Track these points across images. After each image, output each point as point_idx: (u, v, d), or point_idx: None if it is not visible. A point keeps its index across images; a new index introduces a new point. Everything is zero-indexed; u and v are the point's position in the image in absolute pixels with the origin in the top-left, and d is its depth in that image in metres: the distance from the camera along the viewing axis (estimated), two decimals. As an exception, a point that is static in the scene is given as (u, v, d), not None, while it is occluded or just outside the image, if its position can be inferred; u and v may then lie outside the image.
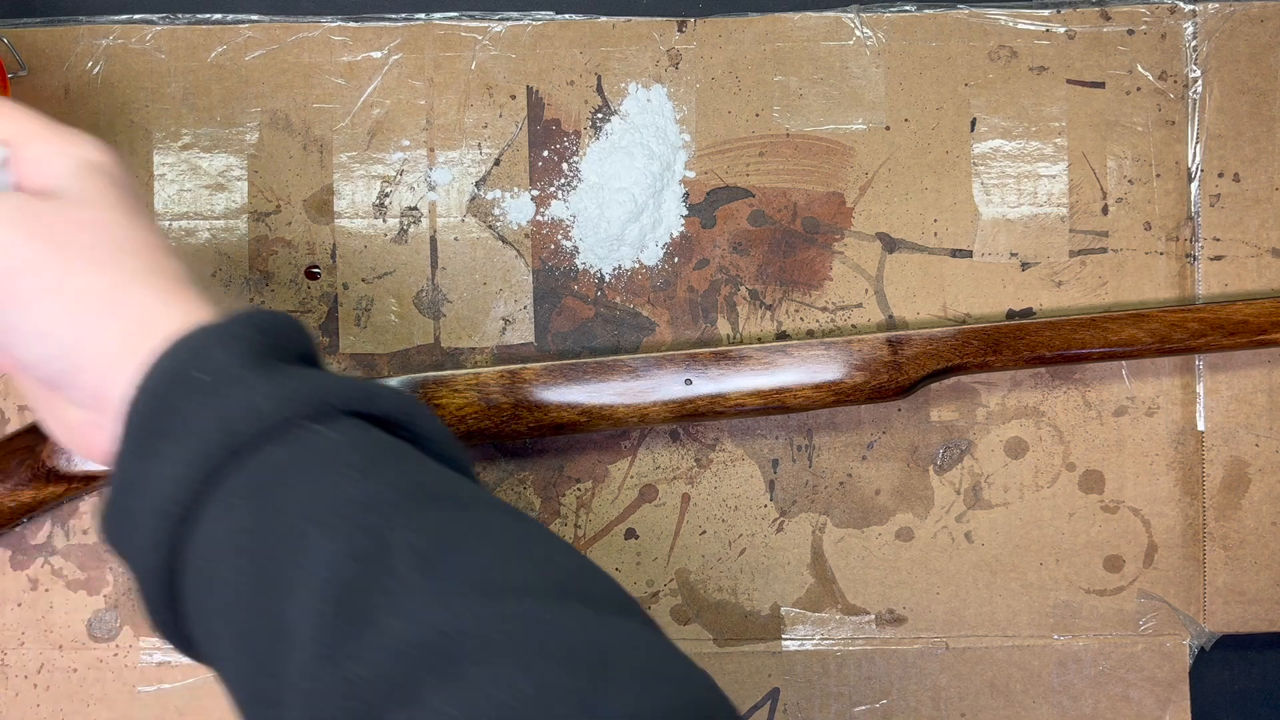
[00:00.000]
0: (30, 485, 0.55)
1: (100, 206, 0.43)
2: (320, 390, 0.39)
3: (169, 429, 0.38)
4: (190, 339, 0.39)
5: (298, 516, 0.36)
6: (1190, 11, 0.60)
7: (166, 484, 0.38)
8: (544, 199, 0.59)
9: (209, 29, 0.59)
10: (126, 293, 0.41)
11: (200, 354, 0.39)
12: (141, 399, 0.39)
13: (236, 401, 0.38)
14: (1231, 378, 0.61)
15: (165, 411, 0.38)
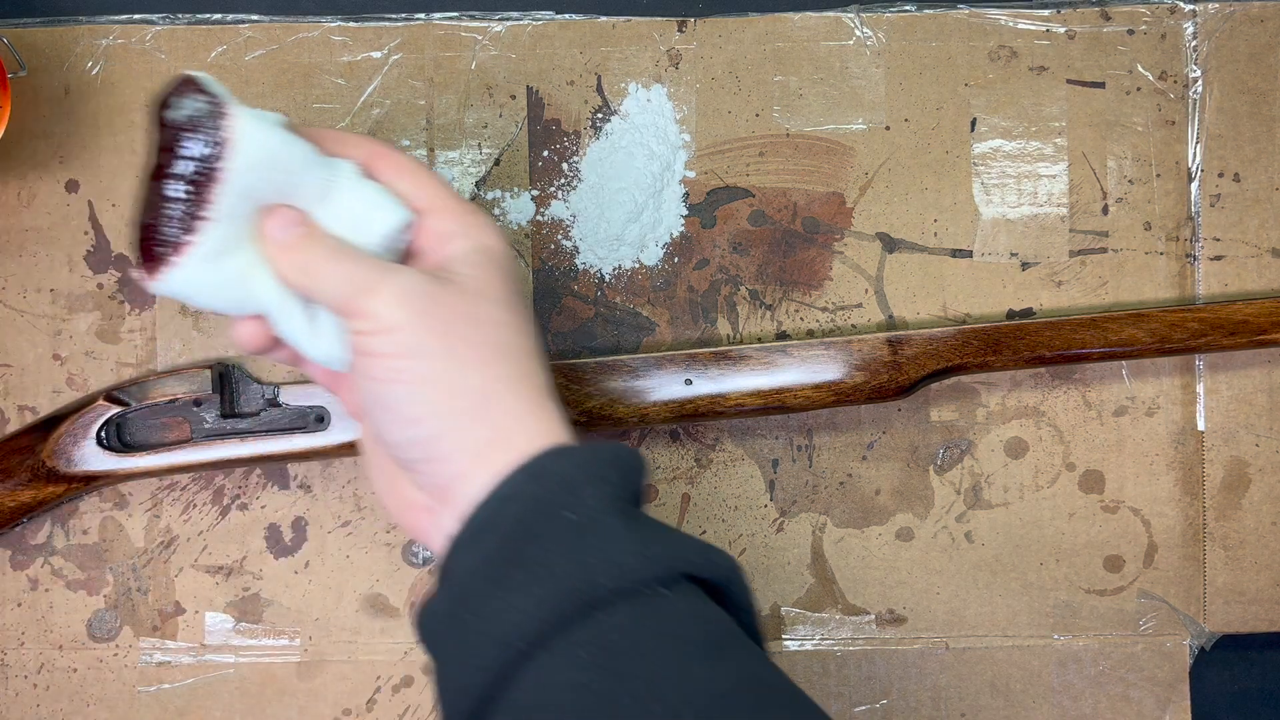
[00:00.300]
0: (30, 485, 0.56)
1: (491, 302, 0.43)
2: (671, 551, 0.39)
3: (528, 560, 0.38)
4: (559, 470, 0.40)
5: (642, 690, 0.36)
6: (1190, 11, 0.60)
7: (515, 615, 0.38)
8: (544, 199, 0.59)
9: (209, 29, 0.59)
10: (498, 397, 0.41)
11: (571, 490, 0.39)
12: (503, 519, 0.39)
13: (601, 552, 0.38)
14: (1232, 378, 0.61)
15: (527, 541, 0.39)
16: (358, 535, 0.60)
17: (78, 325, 0.59)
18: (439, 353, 0.41)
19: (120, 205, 0.59)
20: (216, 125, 0.42)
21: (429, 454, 0.42)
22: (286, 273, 0.43)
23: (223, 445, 0.56)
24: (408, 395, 0.41)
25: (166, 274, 0.43)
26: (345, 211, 0.44)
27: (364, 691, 0.60)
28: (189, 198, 0.42)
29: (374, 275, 0.42)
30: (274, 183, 0.43)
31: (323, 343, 0.44)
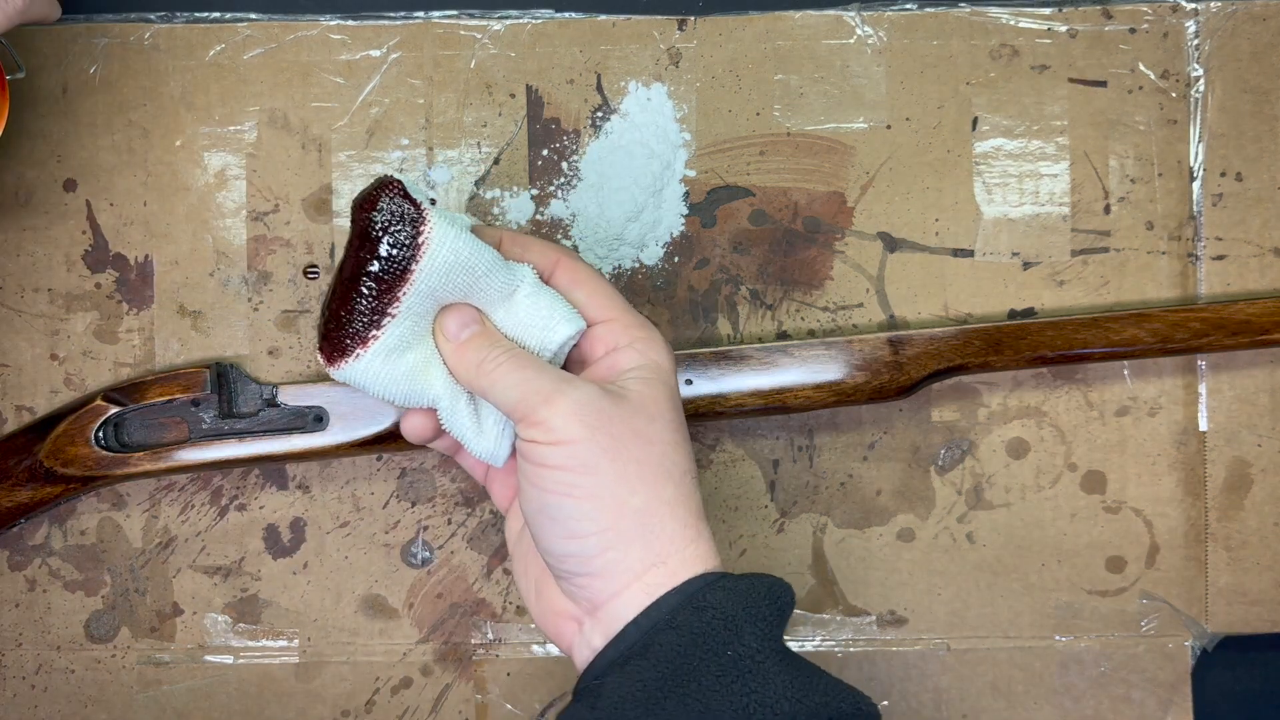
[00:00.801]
0: (27, 486, 0.55)
1: (659, 422, 0.43)
2: (824, 699, 0.40)
3: (687, 695, 0.39)
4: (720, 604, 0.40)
5: None
6: (1192, 10, 0.60)
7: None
8: (543, 198, 0.59)
9: (207, 28, 0.59)
10: (660, 520, 0.42)
11: (732, 627, 0.40)
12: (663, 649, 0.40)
13: (760, 696, 0.39)
14: (1234, 378, 0.60)
15: (687, 676, 0.39)
16: (356, 536, 0.60)
17: (75, 325, 0.59)
18: (609, 471, 0.42)
19: (118, 204, 0.59)
20: (416, 230, 0.44)
21: (587, 569, 0.42)
22: (462, 371, 0.45)
23: (221, 445, 0.55)
24: (575, 510, 0.42)
25: (347, 365, 0.45)
26: (522, 316, 0.46)
27: (363, 693, 0.60)
28: (379, 295, 0.44)
29: (552, 386, 0.42)
30: (458, 284, 0.45)
31: (487, 440, 0.46)
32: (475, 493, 0.60)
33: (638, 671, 0.40)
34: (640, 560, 0.42)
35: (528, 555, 0.47)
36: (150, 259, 0.59)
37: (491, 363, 0.44)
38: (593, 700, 0.41)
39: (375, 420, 0.55)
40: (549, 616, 0.45)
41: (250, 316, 0.59)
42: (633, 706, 0.39)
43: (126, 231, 0.59)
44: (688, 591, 0.41)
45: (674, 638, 0.40)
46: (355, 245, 0.44)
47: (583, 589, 0.43)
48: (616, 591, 0.42)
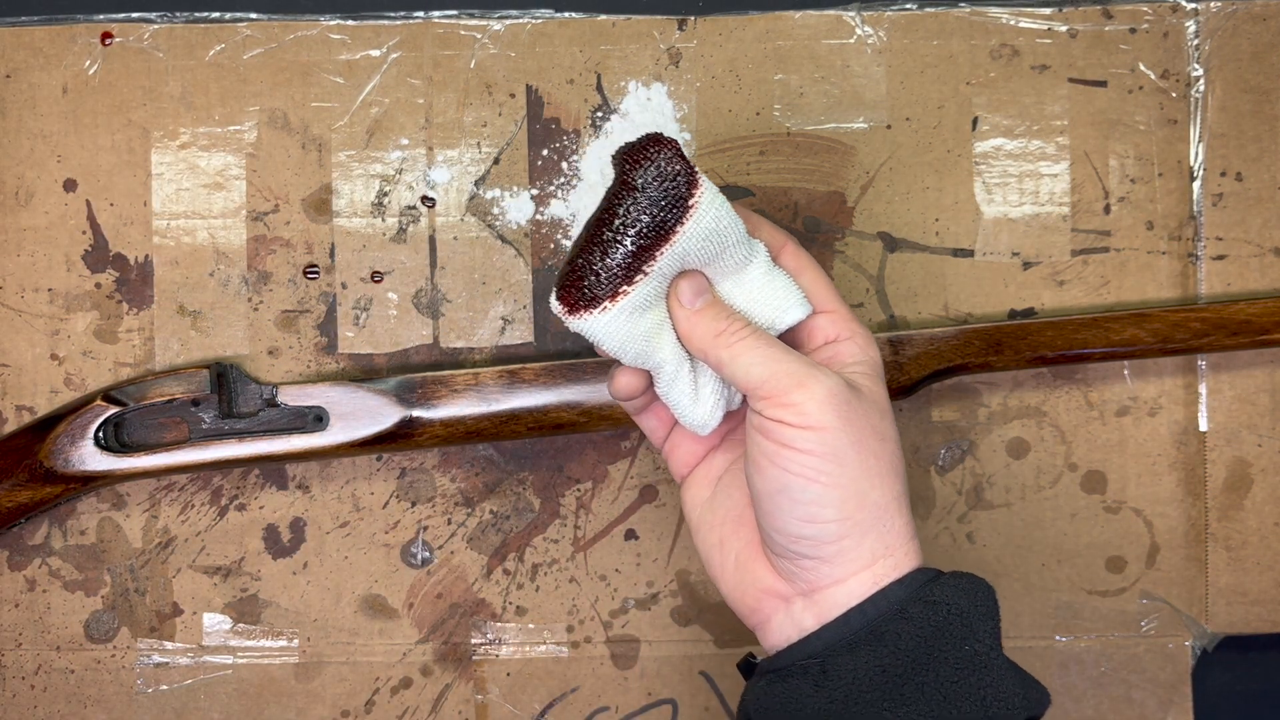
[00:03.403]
0: (27, 486, 0.55)
1: (887, 420, 0.44)
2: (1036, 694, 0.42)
3: (926, 683, 0.41)
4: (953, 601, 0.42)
5: None
6: (1193, 10, 0.60)
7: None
8: (543, 198, 0.59)
9: (207, 27, 0.59)
10: (890, 515, 0.43)
11: (967, 623, 0.42)
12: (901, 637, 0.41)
13: (995, 690, 0.41)
14: (1234, 378, 0.60)
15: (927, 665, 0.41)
16: (356, 536, 0.60)
17: (75, 325, 0.59)
18: (854, 463, 0.42)
19: (118, 204, 0.59)
20: (689, 192, 0.43)
21: (819, 554, 0.43)
22: (696, 337, 0.45)
23: (221, 445, 0.55)
24: (819, 496, 0.42)
25: (590, 317, 0.44)
26: (754, 292, 0.46)
27: (362, 693, 0.60)
28: (639, 252, 0.44)
29: (804, 369, 0.43)
30: (707, 251, 0.45)
31: (702, 409, 0.46)
32: (475, 493, 0.60)
33: (874, 657, 0.41)
34: (871, 551, 0.42)
35: (723, 526, 0.47)
36: (150, 259, 0.59)
37: (733, 335, 0.44)
38: (817, 679, 0.42)
39: (375, 420, 0.55)
40: (748, 591, 0.45)
41: (250, 316, 0.59)
42: (869, 689, 0.41)
43: (126, 231, 0.59)
44: (914, 585, 0.42)
45: (910, 628, 0.41)
46: (621, 198, 0.44)
47: (807, 571, 0.43)
48: (842, 578, 0.43)
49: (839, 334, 0.46)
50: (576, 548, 0.60)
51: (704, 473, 0.49)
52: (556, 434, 0.56)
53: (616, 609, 0.60)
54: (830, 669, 0.42)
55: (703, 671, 0.60)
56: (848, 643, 0.42)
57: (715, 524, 0.47)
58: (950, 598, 0.42)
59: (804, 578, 0.43)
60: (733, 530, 0.46)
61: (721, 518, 0.47)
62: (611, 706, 0.60)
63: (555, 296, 0.45)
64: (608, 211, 0.44)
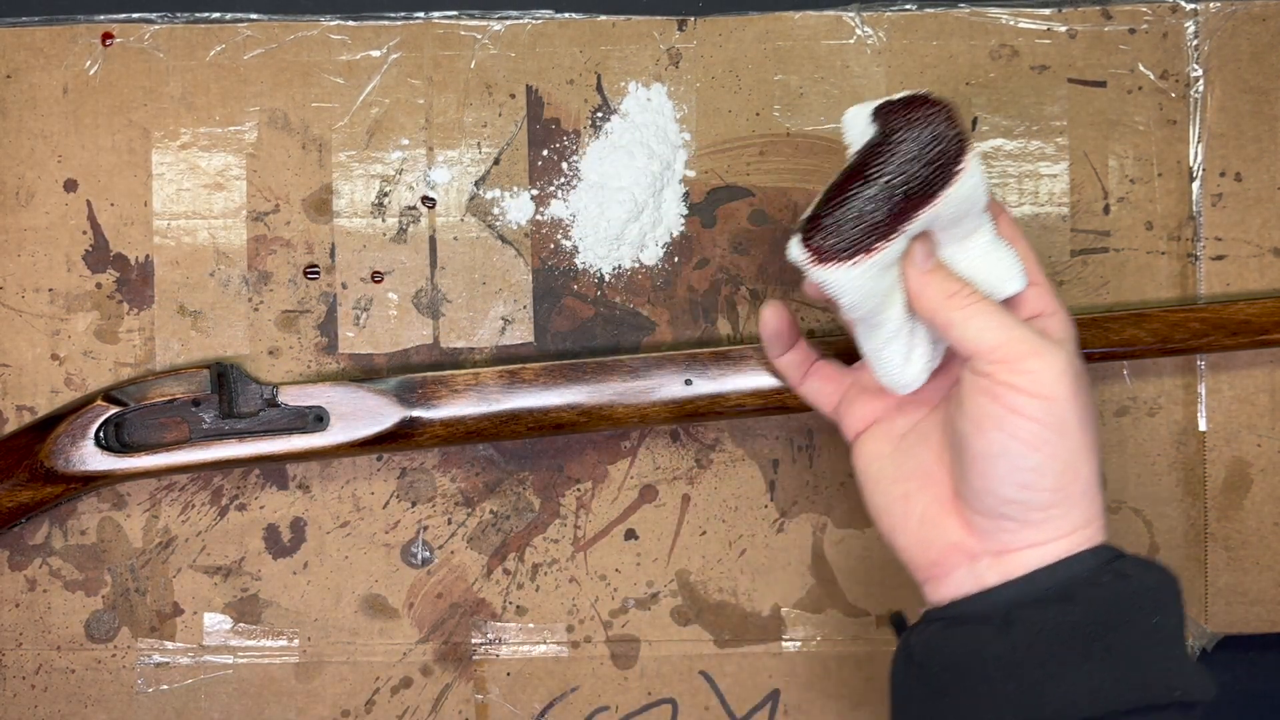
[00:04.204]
0: (28, 486, 0.55)
1: (1091, 396, 0.45)
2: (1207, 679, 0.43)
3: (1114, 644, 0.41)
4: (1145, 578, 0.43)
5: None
6: (1192, 10, 0.60)
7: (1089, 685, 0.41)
8: (544, 198, 0.59)
9: (207, 28, 0.59)
10: (1093, 490, 0.44)
11: (1158, 601, 0.43)
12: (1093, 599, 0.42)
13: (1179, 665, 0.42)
14: (1233, 378, 0.60)
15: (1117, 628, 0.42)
16: (356, 536, 0.60)
17: (76, 325, 0.59)
18: (1076, 436, 0.43)
19: (119, 205, 0.59)
20: (958, 159, 0.43)
21: (1026, 517, 0.43)
22: (927, 298, 0.45)
23: (221, 445, 0.55)
24: (1039, 465, 0.43)
25: (840, 269, 0.43)
26: (977, 261, 0.46)
27: (363, 692, 0.60)
28: (902, 210, 0.43)
29: (1039, 339, 0.43)
30: (954, 217, 0.45)
31: (912, 370, 0.47)
32: (475, 493, 0.60)
33: (1063, 613, 0.42)
34: (1072, 522, 0.43)
35: (909, 481, 0.47)
36: (151, 259, 0.59)
37: (965, 298, 0.44)
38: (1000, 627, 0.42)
39: (376, 420, 0.55)
40: (933, 544, 0.46)
41: (250, 316, 0.59)
42: (1054, 640, 0.41)
43: (127, 232, 0.59)
44: (1102, 557, 0.43)
45: (1100, 594, 0.42)
46: (890, 154, 0.43)
47: (1007, 532, 0.44)
48: (1038, 543, 0.43)
49: (1044, 309, 0.47)
50: (576, 548, 0.60)
51: (884, 430, 0.50)
52: (556, 434, 0.56)
53: (616, 609, 0.60)
54: (1015, 619, 0.42)
55: (703, 671, 0.60)
56: (1035, 598, 0.43)
57: (900, 479, 0.48)
58: (1140, 574, 0.43)
59: (1001, 539, 0.44)
60: (920, 486, 0.47)
61: (908, 473, 0.48)
62: (611, 706, 0.60)
63: (801, 243, 0.44)
64: (873, 166, 0.43)
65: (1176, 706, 0.41)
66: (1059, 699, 0.41)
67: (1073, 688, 0.41)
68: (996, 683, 0.42)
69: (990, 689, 0.42)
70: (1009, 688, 0.42)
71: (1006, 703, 0.42)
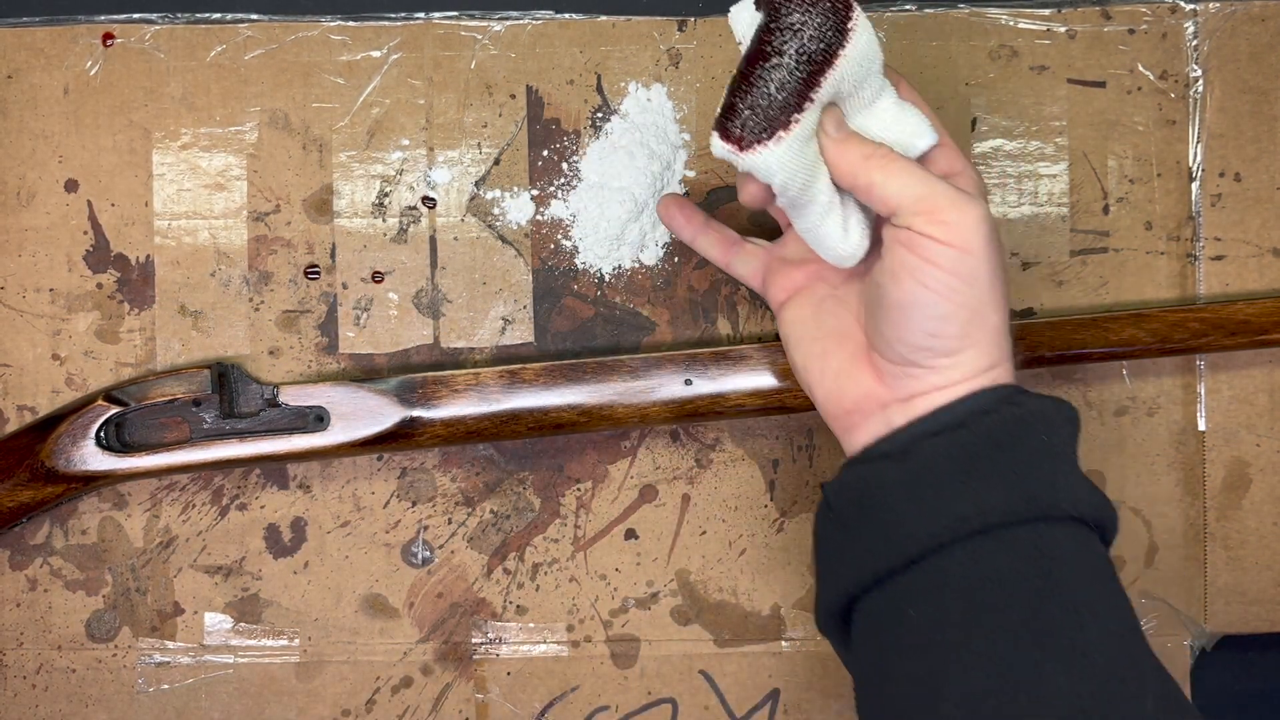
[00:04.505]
0: (29, 485, 0.55)
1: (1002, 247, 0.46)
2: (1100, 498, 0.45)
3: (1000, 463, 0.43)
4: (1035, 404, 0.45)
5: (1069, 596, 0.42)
6: (1191, 11, 0.60)
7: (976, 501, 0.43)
8: (544, 198, 0.59)
9: (208, 28, 0.59)
10: (1000, 336, 0.46)
11: (1047, 422, 0.45)
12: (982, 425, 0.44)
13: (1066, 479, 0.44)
14: (1232, 378, 0.61)
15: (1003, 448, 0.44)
16: (357, 536, 0.60)
17: (77, 325, 0.59)
18: (986, 286, 0.44)
19: (119, 205, 0.59)
20: (846, 16, 0.44)
21: (930, 363, 0.45)
22: (845, 164, 0.45)
23: (222, 445, 0.55)
24: (947, 313, 0.44)
25: (762, 151, 0.44)
26: (887, 122, 0.47)
27: (363, 692, 0.60)
28: (807, 78, 0.44)
29: (956, 192, 0.44)
30: (856, 78, 0.45)
31: (851, 241, 0.48)
32: (475, 492, 0.60)
33: (955, 439, 0.44)
34: (977, 366, 0.45)
35: (827, 339, 0.50)
36: (151, 259, 0.59)
37: (881, 159, 0.45)
38: (899, 459, 0.45)
39: (376, 420, 0.55)
40: (846, 395, 0.48)
41: (251, 316, 0.59)
42: (945, 464, 0.44)
43: (128, 232, 0.59)
44: (1001, 393, 0.45)
45: (993, 419, 0.44)
46: (783, 28, 0.44)
47: (914, 379, 0.46)
48: (943, 386, 0.46)
49: (953, 168, 0.48)
50: (576, 547, 0.60)
51: (805, 297, 0.52)
52: (556, 434, 0.57)
53: (616, 608, 0.60)
54: (912, 450, 0.45)
55: (702, 671, 0.60)
56: (938, 429, 0.45)
57: (819, 337, 0.50)
58: (1034, 403, 0.45)
59: (909, 385, 0.46)
60: (837, 344, 0.49)
61: (826, 332, 0.50)
62: (611, 706, 0.60)
63: (719, 136, 0.44)
64: (770, 44, 0.44)
65: (1067, 520, 0.43)
66: (949, 515, 0.43)
67: (962, 504, 0.43)
68: (895, 509, 0.44)
69: (890, 515, 0.44)
70: (906, 511, 0.44)
71: (904, 526, 0.44)
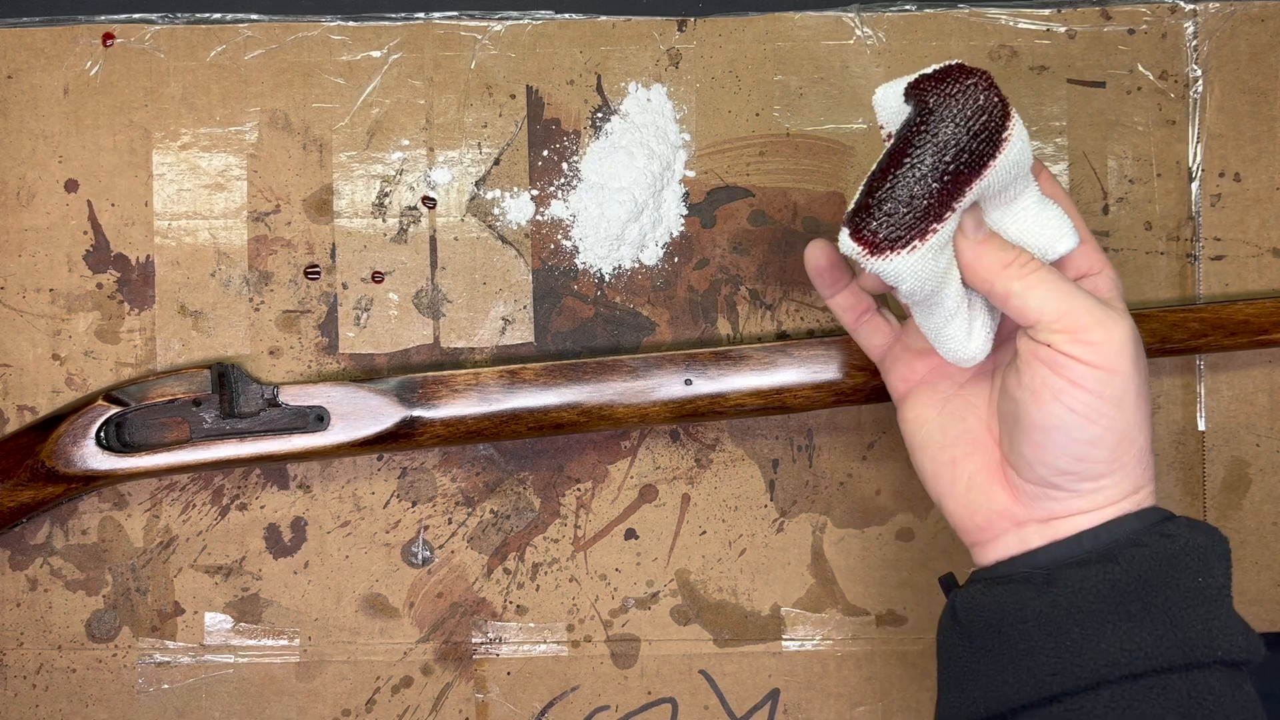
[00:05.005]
0: (29, 485, 0.55)
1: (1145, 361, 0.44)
2: (1254, 638, 0.42)
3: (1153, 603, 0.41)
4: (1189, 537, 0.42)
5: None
6: (1191, 11, 0.60)
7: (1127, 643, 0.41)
8: (544, 198, 0.59)
9: (208, 28, 0.59)
10: (1147, 458, 0.44)
11: (1203, 559, 0.42)
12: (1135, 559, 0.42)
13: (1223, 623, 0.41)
14: (1232, 378, 0.61)
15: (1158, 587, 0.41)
16: (357, 535, 0.60)
17: (77, 325, 0.59)
18: (1133, 409, 0.42)
19: (120, 205, 0.59)
20: (1003, 125, 0.42)
21: (1074, 487, 0.43)
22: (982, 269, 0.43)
23: (222, 445, 0.55)
24: (1097, 437, 0.42)
25: (897, 257, 0.42)
26: (1027, 223, 0.45)
27: (363, 692, 0.60)
28: (953, 188, 0.42)
29: (1102, 309, 0.42)
30: (1001, 184, 0.43)
31: (974, 344, 0.45)
32: (475, 492, 0.60)
33: (1104, 573, 0.41)
34: (1122, 490, 0.43)
35: (956, 447, 0.47)
36: (151, 259, 0.59)
37: (1022, 267, 0.43)
38: (1040, 587, 0.42)
39: (376, 420, 0.55)
40: (979, 511, 0.46)
41: (251, 316, 0.59)
42: (1093, 599, 0.41)
43: (128, 232, 0.59)
44: (1148, 519, 0.43)
45: (1144, 553, 0.42)
46: (931, 132, 0.42)
47: (1056, 501, 0.44)
48: (1086, 510, 0.43)
49: (1092, 266, 0.46)
50: (576, 547, 0.60)
51: (928, 394, 0.49)
52: (556, 434, 0.57)
53: (616, 608, 0.60)
54: (1056, 578, 0.42)
55: (702, 671, 0.60)
56: (1077, 559, 0.42)
57: (947, 444, 0.47)
58: (1186, 534, 0.42)
59: (1049, 507, 0.44)
60: (966, 452, 0.46)
61: (954, 438, 0.47)
62: (611, 705, 0.60)
63: (850, 237, 0.42)
64: (915, 146, 0.42)
65: (1218, 664, 0.41)
66: (1096, 656, 0.41)
67: (1110, 645, 0.41)
68: (1035, 640, 0.42)
69: (1029, 646, 0.42)
70: (1048, 645, 0.41)
71: (1045, 660, 0.41)
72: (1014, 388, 0.44)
